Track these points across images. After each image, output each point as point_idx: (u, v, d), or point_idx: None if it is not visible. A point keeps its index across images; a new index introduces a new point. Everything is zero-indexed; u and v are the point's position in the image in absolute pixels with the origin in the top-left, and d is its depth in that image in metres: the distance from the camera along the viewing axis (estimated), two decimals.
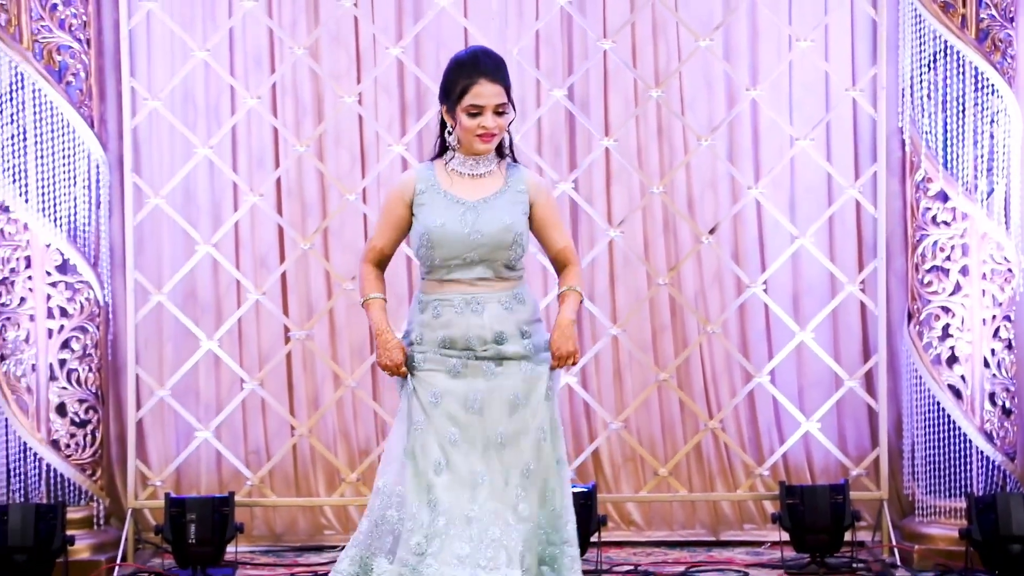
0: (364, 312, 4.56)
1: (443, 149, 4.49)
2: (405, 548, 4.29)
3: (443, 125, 4.48)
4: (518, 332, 4.40)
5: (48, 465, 6.46)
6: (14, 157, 6.43)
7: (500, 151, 4.49)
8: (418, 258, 4.46)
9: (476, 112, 4.33)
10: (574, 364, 4.45)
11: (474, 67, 4.34)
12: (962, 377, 6.48)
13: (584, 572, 6.05)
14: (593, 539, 6.38)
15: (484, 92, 4.32)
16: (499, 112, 4.34)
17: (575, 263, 4.53)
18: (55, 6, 6.47)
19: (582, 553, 6.18)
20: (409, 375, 4.41)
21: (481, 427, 4.35)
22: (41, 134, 6.43)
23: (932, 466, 6.53)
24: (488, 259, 4.37)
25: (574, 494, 6.13)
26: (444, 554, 4.26)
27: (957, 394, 6.48)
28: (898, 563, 6.45)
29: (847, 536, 6.48)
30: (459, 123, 4.36)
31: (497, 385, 4.36)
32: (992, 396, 6.48)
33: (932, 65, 6.45)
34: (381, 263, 4.52)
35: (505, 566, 4.28)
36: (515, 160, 4.56)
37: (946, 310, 6.52)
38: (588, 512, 6.31)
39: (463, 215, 4.35)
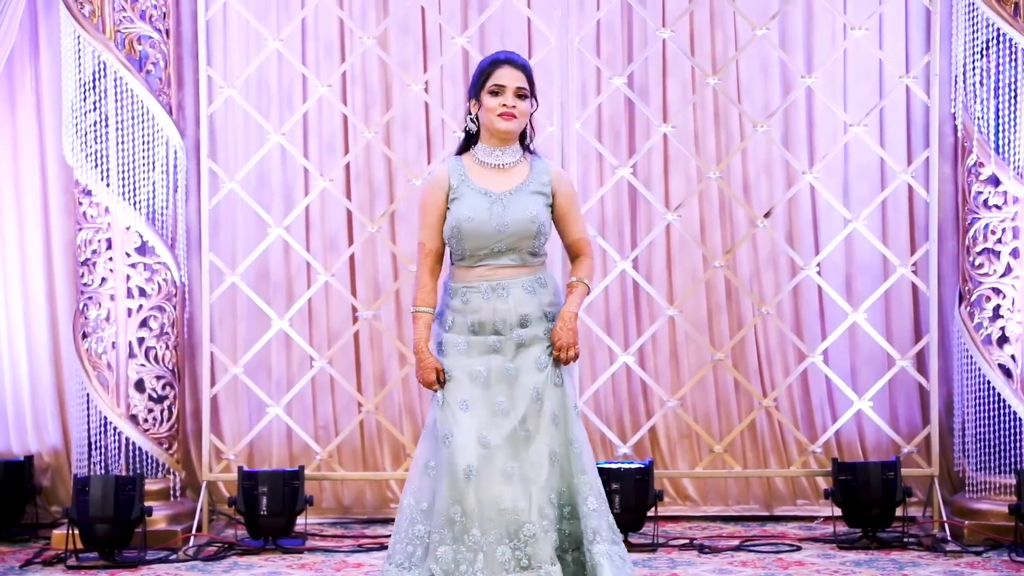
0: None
1: (467, 146, 4.63)
2: (432, 558, 4.41)
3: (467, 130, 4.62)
4: (542, 314, 4.54)
5: (127, 439, 6.59)
6: (96, 143, 6.56)
7: (525, 145, 4.63)
8: (449, 247, 4.59)
9: (497, 91, 4.51)
10: (575, 357, 4.54)
11: (497, 59, 4.55)
12: (1012, 357, 6.51)
13: (640, 545, 6.26)
14: (650, 513, 6.46)
15: (505, 74, 4.51)
16: (520, 95, 4.53)
17: (588, 255, 4.65)
18: None
19: (639, 527, 6.42)
20: (440, 389, 4.51)
21: (508, 421, 4.43)
22: (122, 121, 6.56)
23: (982, 443, 6.55)
24: (514, 248, 4.51)
25: (631, 470, 6.40)
26: (489, 563, 4.36)
27: (1007, 373, 6.51)
28: (948, 538, 6.47)
29: (898, 512, 6.53)
30: (483, 105, 4.54)
31: (518, 370, 4.47)
32: None
33: (985, 52, 6.47)
34: (437, 264, 4.63)
35: (548, 563, 4.39)
36: (532, 152, 4.66)
37: (997, 291, 6.55)
38: (645, 487, 6.41)
39: (491, 207, 4.50)
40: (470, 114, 4.59)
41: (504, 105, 4.49)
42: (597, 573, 4.40)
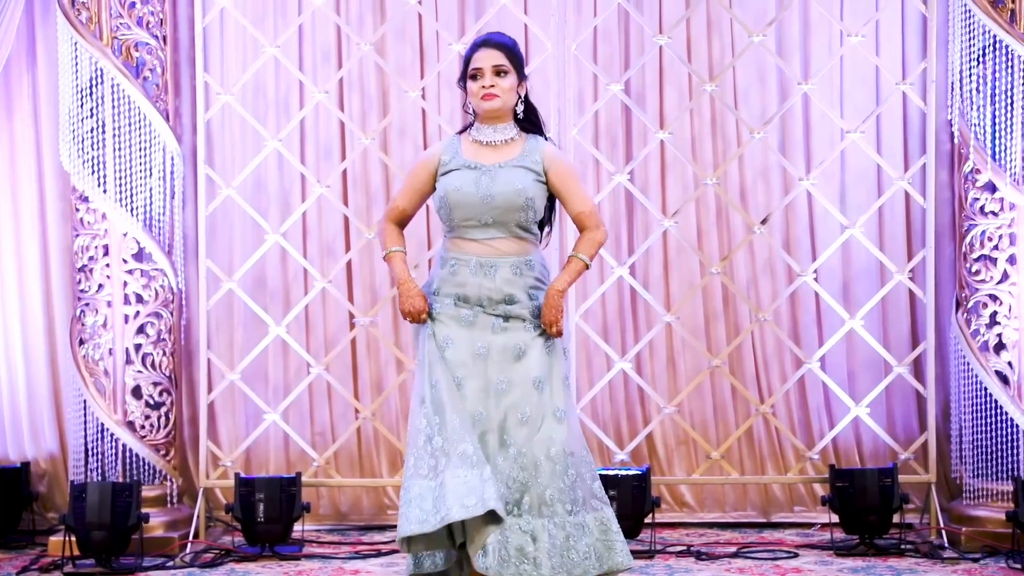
0: (387, 264, 4.78)
1: (467, 127, 4.78)
2: (457, 459, 4.51)
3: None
4: (526, 295, 4.65)
5: (124, 445, 6.57)
6: (93, 149, 6.54)
7: (526, 126, 4.73)
8: (440, 218, 4.72)
9: (476, 75, 4.66)
10: (558, 334, 4.65)
11: (475, 43, 4.74)
12: (1009, 363, 6.50)
13: (638, 552, 6.26)
14: (647, 520, 6.46)
15: (481, 56, 4.67)
16: (499, 72, 4.65)
17: (592, 227, 4.74)
18: (133, 4, 6.60)
19: (636, 534, 6.41)
20: (429, 320, 4.66)
21: (484, 373, 4.59)
22: (119, 127, 6.54)
23: (979, 450, 6.54)
24: (502, 221, 4.62)
25: (628, 477, 6.40)
26: (447, 474, 4.48)
27: (1004, 380, 6.50)
28: (946, 545, 6.46)
29: (896, 518, 6.52)
30: (468, 91, 4.70)
31: (501, 339, 4.62)
32: None
33: (981, 59, 6.48)
34: (402, 222, 4.81)
35: (494, 500, 4.47)
36: (545, 136, 4.77)
37: (994, 298, 6.55)
38: (642, 494, 6.41)
39: (478, 178, 4.62)
40: (464, 100, 4.74)
41: (483, 87, 4.63)
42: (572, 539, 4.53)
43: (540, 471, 4.55)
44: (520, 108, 4.71)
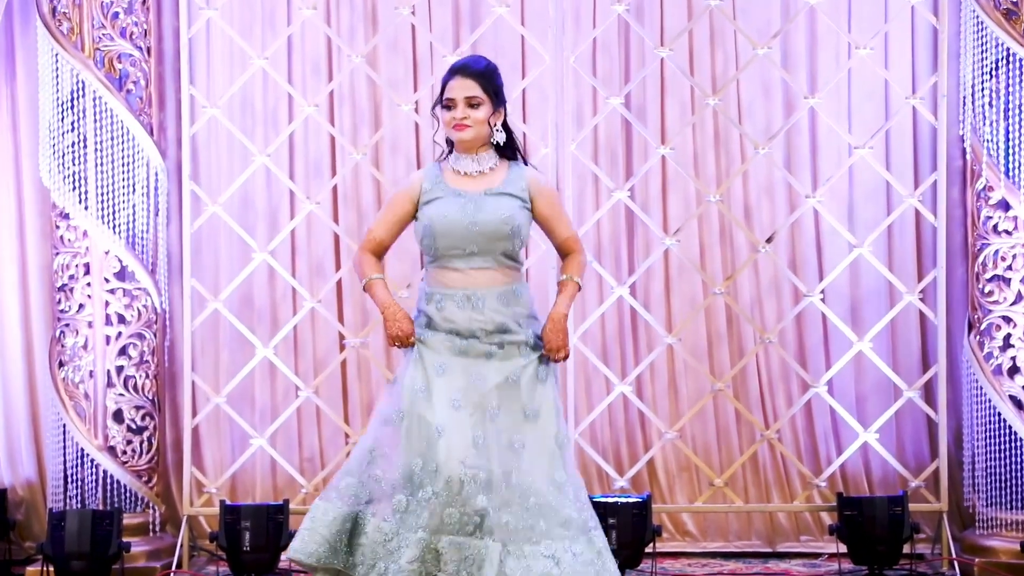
0: (368, 294, 4.68)
1: (450, 150, 4.71)
2: (387, 505, 4.42)
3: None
4: (516, 324, 4.58)
5: (105, 471, 6.52)
6: (74, 164, 6.52)
7: (506, 152, 4.67)
8: (422, 247, 4.66)
9: (449, 106, 4.58)
10: (565, 358, 4.61)
11: (451, 69, 4.63)
12: (1023, 387, 6.46)
13: None
14: (648, 549, 6.38)
15: (454, 86, 4.57)
16: (471, 104, 4.57)
17: (578, 251, 4.71)
18: (116, 14, 6.56)
19: (636, 563, 6.35)
20: (418, 343, 4.57)
21: (480, 400, 4.49)
22: (101, 142, 6.52)
23: (993, 478, 6.50)
24: (487, 249, 4.55)
25: (628, 504, 6.34)
26: (432, 520, 4.38)
27: (1019, 405, 6.45)
28: None
29: (906, 549, 6.46)
30: (442, 120, 4.64)
31: (496, 366, 4.54)
32: None
33: (994, 73, 6.44)
34: (378, 253, 4.73)
35: (488, 536, 4.39)
36: (525, 162, 4.73)
37: (1007, 320, 6.50)
38: (643, 522, 6.35)
39: (463, 206, 4.55)
40: (437, 126, 4.70)
41: (455, 118, 4.57)
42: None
43: (542, 496, 4.48)
44: (501, 138, 4.64)
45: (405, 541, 4.37)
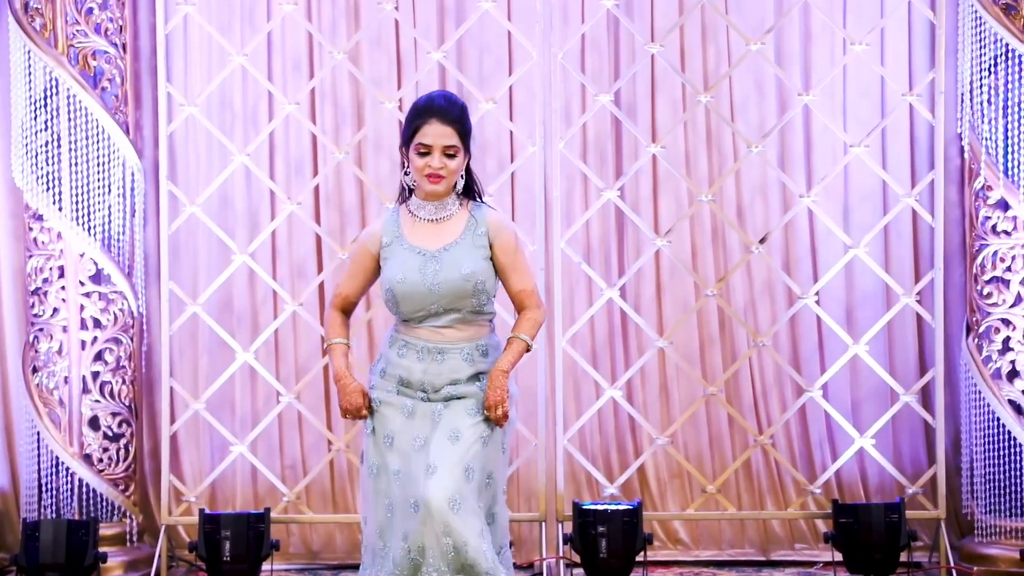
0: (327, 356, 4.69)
1: (410, 192, 4.57)
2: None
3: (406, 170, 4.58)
4: (474, 378, 4.50)
5: (80, 480, 6.50)
6: (48, 164, 6.48)
7: (467, 192, 4.56)
8: (388, 310, 4.57)
9: (425, 152, 4.45)
10: (504, 417, 4.48)
11: (427, 109, 4.47)
12: (1023, 392, 6.43)
13: None
14: (638, 558, 6.36)
15: (432, 132, 4.43)
16: (448, 154, 4.44)
17: (531, 307, 4.58)
18: (91, 10, 6.52)
19: (627, 573, 6.33)
20: (369, 417, 4.54)
21: (423, 461, 4.45)
22: (75, 141, 6.48)
23: (992, 484, 6.48)
24: (453, 307, 4.47)
25: (618, 512, 6.32)
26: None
27: (1018, 409, 6.43)
28: None
29: (903, 557, 6.44)
30: (411, 163, 4.47)
31: (440, 424, 4.48)
32: None
33: (993, 69, 6.43)
34: (347, 310, 4.67)
35: None
36: (482, 201, 4.60)
37: (1007, 322, 6.47)
38: (633, 530, 6.33)
39: (423, 267, 4.46)
40: (404, 166, 4.52)
41: (430, 166, 4.43)
42: None
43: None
44: (462, 183, 4.53)
45: None
